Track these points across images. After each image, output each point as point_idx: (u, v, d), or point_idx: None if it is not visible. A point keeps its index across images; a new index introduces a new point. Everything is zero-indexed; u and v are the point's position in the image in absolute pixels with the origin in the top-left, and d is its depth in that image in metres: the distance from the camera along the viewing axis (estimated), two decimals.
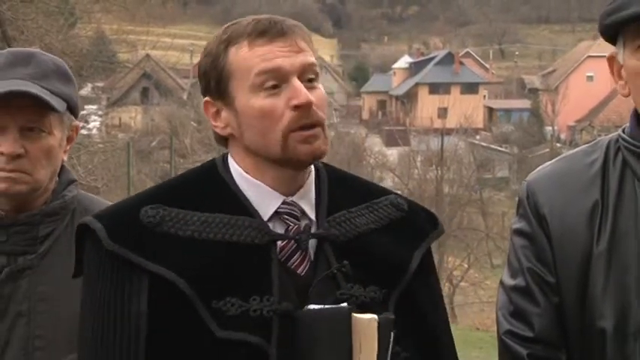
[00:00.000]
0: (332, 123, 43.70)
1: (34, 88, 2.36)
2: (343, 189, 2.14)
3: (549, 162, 2.40)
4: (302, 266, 2.03)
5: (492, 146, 45.30)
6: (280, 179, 2.05)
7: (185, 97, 44.31)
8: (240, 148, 2.06)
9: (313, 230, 2.05)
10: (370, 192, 2.18)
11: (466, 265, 26.26)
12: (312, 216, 2.07)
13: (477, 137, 48.16)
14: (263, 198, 2.05)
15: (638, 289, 2.18)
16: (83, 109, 22.97)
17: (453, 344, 2.22)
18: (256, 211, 2.04)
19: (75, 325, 2.15)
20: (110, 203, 2.52)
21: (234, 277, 1.98)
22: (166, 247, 1.99)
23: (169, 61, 37.56)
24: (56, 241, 2.42)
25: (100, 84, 29.80)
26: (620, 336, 2.18)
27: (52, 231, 2.42)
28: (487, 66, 77.13)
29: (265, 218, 2.04)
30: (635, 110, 2.24)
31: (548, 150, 42.24)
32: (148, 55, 35.17)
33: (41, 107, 2.37)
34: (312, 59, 2.05)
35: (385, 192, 2.21)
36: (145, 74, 43.65)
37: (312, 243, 2.05)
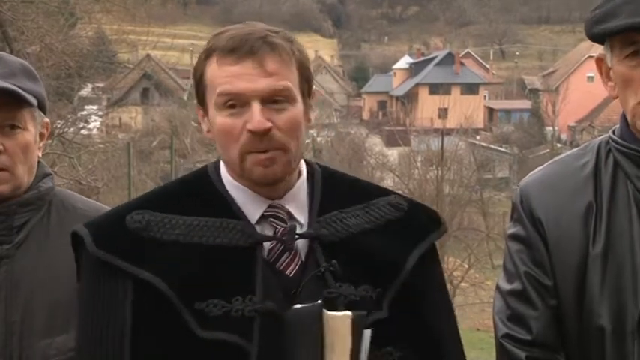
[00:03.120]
0: (332, 123, 43.71)
1: (8, 85, 2.39)
2: (338, 190, 2.16)
3: (541, 167, 2.41)
4: (290, 267, 2.05)
5: (493, 147, 45.26)
6: (261, 188, 2.08)
7: (185, 97, 44.32)
8: None
9: (300, 231, 2.07)
10: (367, 193, 2.20)
11: (466, 266, 26.25)
12: (302, 218, 2.10)
13: (478, 137, 48.14)
14: (249, 202, 2.08)
15: (634, 288, 2.19)
16: (83, 110, 22.99)
17: (459, 347, 2.21)
18: (243, 214, 2.06)
19: (50, 311, 2.38)
20: (89, 200, 2.58)
21: (217, 279, 2.01)
22: (151, 251, 2.02)
23: (170, 61, 37.62)
24: (32, 231, 2.46)
25: (101, 84, 29.80)
26: (617, 335, 2.19)
27: (28, 221, 2.46)
28: (487, 66, 77.14)
29: (253, 222, 2.06)
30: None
31: (548, 150, 42.25)
32: (148, 56, 35.19)
33: (16, 103, 2.41)
34: (282, 83, 2.02)
35: (384, 192, 2.22)
36: (145, 74, 43.66)
37: (302, 244, 2.07)
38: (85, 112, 22.72)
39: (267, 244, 2.05)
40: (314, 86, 2.16)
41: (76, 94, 21.78)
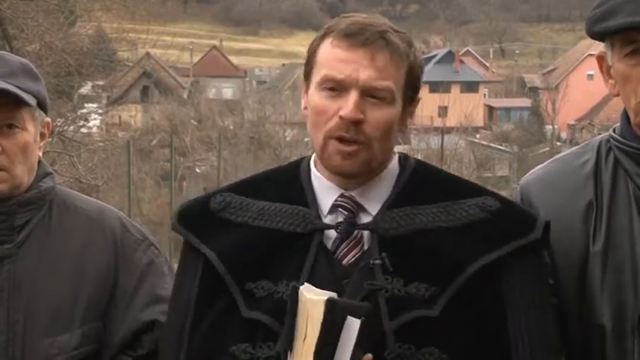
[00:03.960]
0: None
1: (6, 86, 2.39)
2: (422, 186, 2.16)
3: (541, 165, 2.42)
4: (348, 257, 2.08)
5: (492, 145, 45.23)
6: (336, 177, 2.12)
7: (185, 95, 44.30)
8: None
9: (363, 222, 2.09)
10: (457, 191, 2.16)
11: None
12: (374, 210, 2.11)
13: (477, 136, 48.11)
14: (324, 191, 2.14)
15: (634, 286, 2.19)
16: (83, 108, 22.98)
17: None
18: (316, 202, 2.12)
19: (52, 310, 2.39)
20: (90, 198, 2.59)
21: (271, 262, 2.08)
22: (222, 231, 2.14)
23: (169, 59, 37.53)
24: (33, 231, 2.47)
25: (100, 82, 29.78)
26: (618, 333, 2.19)
27: (29, 220, 2.46)
28: (487, 64, 77.08)
29: (325, 210, 2.12)
30: (626, 110, 2.26)
31: (548, 149, 42.21)
32: (148, 54, 35.15)
33: (14, 104, 2.41)
34: (385, 82, 2.04)
35: (479, 193, 2.17)
36: (145, 73, 43.59)
37: (368, 236, 2.09)
38: (84, 111, 22.69)
39: (334, 234, 2.09)
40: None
41: (75, 93, 21.77)
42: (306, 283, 1.99)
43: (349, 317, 1.92)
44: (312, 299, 1.93)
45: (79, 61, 17.83)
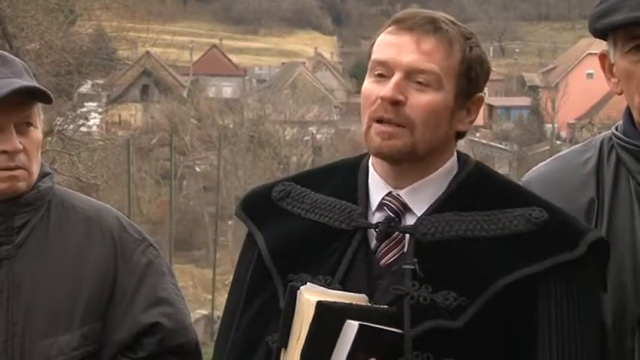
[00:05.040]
0: (332, 120, 43.70)
1: (29, 83, 2.41)
2: (472, 192, 2.10)
3: (543, 162, 2.41)
4: (387, 257, 2.06)
5: (492, 143, 45.26)
6: (386, 171, 2.11)
7: (185, 94, 44.28)
8: None
9: (406, 224, 2.07)
10: (508, 199, 2.09)
11: None
12: (420, 212, 2.08)
13: (477, 134, 48.11)
14: (374, 188, 2.13)
15: (635, 285, 2.18)
16: (83, 107, 22.97)
17: None
18: (365, 199, 2.11)
19: (52, 311, 2.38)
20: (89, 198, 2.59)
21: (313, 256, 2.08)
22: (277, 220, 2.15)
23: (169, 58, 37.56)
24: (32, 231, 2.46)
25: (100, 81, 29.81)
26: (618, 331, 2.18)
27: (28, 221, 2.46)
28: None
29: (373, 207, 2.10)
30: (629, 108, 2.26)
31: (548, 147, 42.20)
32: (147, 53, 35.13)
33: (28, 101, 2.42)
34: (429, 65, 2.02)
35: (529, 202, 2.08)
36: (144, 71, 43.60)
37: (408, 238, 2.06)
38: (84, 109, 22.70)
39: (373, 231, 2.09)
40: (317, 84, 2.16)
41: (75, 91, 21.77)
42: (309, 283, 1.99)
43: (348, 321, 1.90)
44: (307, 300, 1.92)
45: (78, 59, 17.85)
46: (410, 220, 2.08)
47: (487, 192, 2.10)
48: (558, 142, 46.71)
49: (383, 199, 2.10)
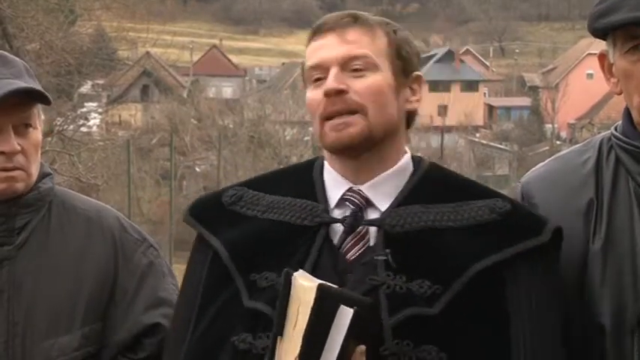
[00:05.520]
0: None
1: (28, 85, 2.41)
2: (434, 186, 2.16)
3: (542, 162, 2.41)
4: (352, 251, 2.09)
5: (492, 144, 45.25)
6: (345, 167, 2.14)
7: (185, 94, 44.27)
8: None
9: (370, 218, 2.10)
10: (467, 193, 2.16)
11: None
12: (383, 206, 2.12)
13: (477, 135, 48.12)
14: (333, 185, 2.16)
15: (634, 285, 2.19)
16: (83, 107, 22.97)
17: None
18: (325, 196, 2.14)
19: (53, 312, 2.39)
20: (89, 199, 2.59)
21: (276, 254, 2.10)
22: (231, 224, 2.17)
23: (169, 58, 37.55)
24: (33, 232, 2.46)
25: (100, 81, 29.81)
26: (617, 333, 2.18)
27: (28, 222, 2.46)
28: (487, 63, 77.06)
29: (332, 204, 2.13)
30: (628, 108, 2.26)
31: (548, 147, 42.20)
32: (147, 53, 35.12)
33: (28, 102, 2.42)
34: (360, 50, 2.09)
35: (490, 195, 2.17)
36: (144, 72, 43.58)
37: (374, 232, 2.09)
38: (84, 110, 22.69)
39: (340, 228, 2.10)
40: None
41: (75, 92, 21.77)
42: (300, 270, 1.98)
43: (342, 306, 1.90)
44: (304, 285, 1.92)
45: (78, 60, 17.85)
46: (372, 215, 2.12)
47: (449, 186, 2.17)
48: (558, 143, 46.72)
49: (344, 194, 2.13)
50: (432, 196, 2.13)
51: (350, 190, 2.13)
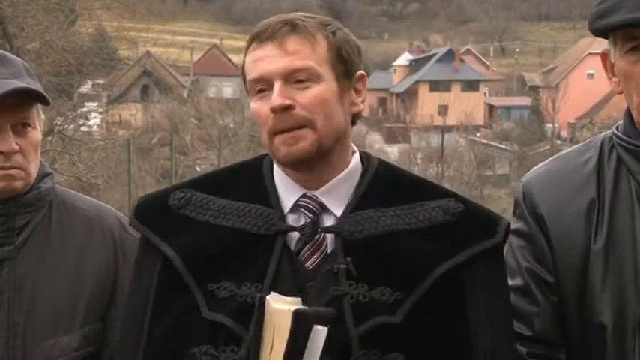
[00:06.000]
0: None
1: (26, 85, 2.40)
2: (386, 188, 2.13)
3: (544, 162, 2.41)
4: (311, 260, 2.05)
5: (493, 143, 45.25)
6: (297, 175, 2.10)
7: (185, 94, 44.30)
8: None
9: (327, 225, 2.07)
10: (419, 194, 2.14)
11: None
12: (338, 211, 2.09)
13: (478, 134, 48.13)
14: (286, 191, 2.11)
15: (636, 285, 2.19)
16: (83, 107, 22.97)
17: None
18: (278, 203, 2.10)
19: (53, 312, 2.39)
20: (90, 199, 2.59)
21: (234, 263, 2.04)
22: (182, 229, 2.10)
23: (170, 58, 37.58)
24: (33, 232, 2.46)
25: (101, 81, 29.78)
26: (618, 332, 2.19)
27: (29, 222, 2.46)
28: (488, 63, 77.08)
29: (286, 210, 2.09)
30: (629, 108, 2.26)
31: (548, 147, 42.20)
32: (148, 52, 35.15)
33: (27, 102, 2.42)
34: (302, 62, 2.05)
35: (442, 195, 2.15)
36: (145, 71, 43.60)
37: (331, 238, 2.07)
38: (85, 109, 22.69)
39: (296, 235, 2.07)
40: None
41: (75, 91, 21.77)
42: (272, 292, 1.96)
43: (315, 326, 1.90)
44: (279, 309, 1.90)
45: (79, 59, 17.86)
46: (328, 221, 2.09)
47: (398, 188, 2.14)
48: (559, 142, 46.74)
49: (298, 201, 2.10)
50: (386, 198, 2.11)
51: (304, 196, 2.10)
